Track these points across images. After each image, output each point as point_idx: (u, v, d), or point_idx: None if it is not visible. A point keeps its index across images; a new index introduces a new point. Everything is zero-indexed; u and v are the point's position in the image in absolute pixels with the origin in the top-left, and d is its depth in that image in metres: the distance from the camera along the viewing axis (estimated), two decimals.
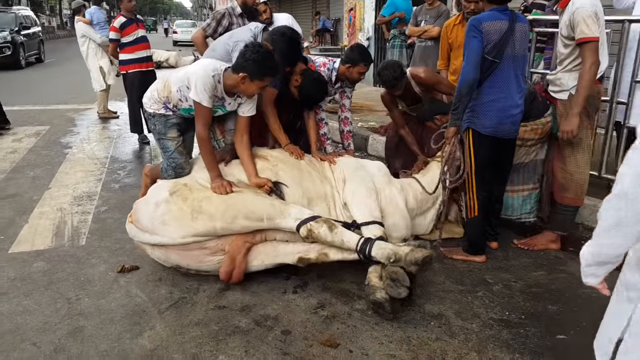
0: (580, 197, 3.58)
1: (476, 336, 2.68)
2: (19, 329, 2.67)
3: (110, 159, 5.92)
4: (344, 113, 4.33)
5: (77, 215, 4.22)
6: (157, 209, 3.03)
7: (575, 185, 3.53)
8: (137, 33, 6.52)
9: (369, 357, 2.50)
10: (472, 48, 3.15)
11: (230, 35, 3.66)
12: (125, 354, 2.49)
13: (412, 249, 2.79)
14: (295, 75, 3.72)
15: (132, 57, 6.49)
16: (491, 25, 3.14)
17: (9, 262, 3.40)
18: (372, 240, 2.94)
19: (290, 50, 3.53)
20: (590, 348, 1.60)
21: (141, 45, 6.55)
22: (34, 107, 9.07)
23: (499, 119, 3.25)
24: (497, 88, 3.22)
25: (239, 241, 3.03)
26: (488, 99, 3.24)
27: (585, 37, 3.15)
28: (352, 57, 3.94)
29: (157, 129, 3.41)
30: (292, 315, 2.84)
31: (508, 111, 3.25)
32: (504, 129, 3.29)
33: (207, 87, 3.08)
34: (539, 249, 3.67)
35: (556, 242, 3.69)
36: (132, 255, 3.48)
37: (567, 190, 3.56)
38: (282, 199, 3.21)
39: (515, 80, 3.25)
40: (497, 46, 3.14)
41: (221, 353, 2.51)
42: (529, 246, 3.69)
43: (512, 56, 3.20)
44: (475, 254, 3.51)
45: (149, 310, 2.86)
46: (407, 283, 2.69)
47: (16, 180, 5.09)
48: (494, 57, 3.15)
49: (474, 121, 3.31)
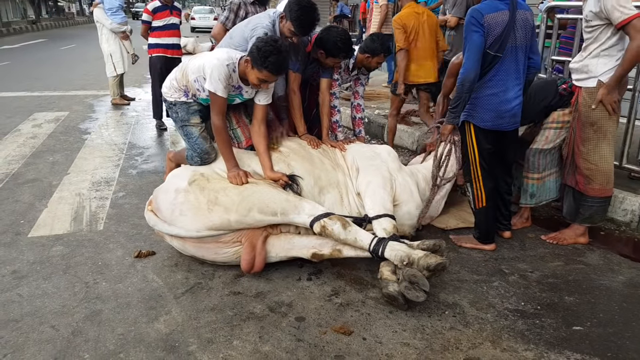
0: (607, 187, 3.46)
1: (491, 326, 2.67)
2: (38, 312, 2.72)
3: (128, 145, 5.97)
4: (357, 100, 4.29)
5: (95, 200, 4.27)
6: (176, 198, 3.06)
7: (600, 176, 3.41)
8: (169, 20, 6.53)
9: (382, 345, 2.50)
10: (474, 42, 3.05)
11: (248, 22, 3.62)
12: (141, 338, 2.52)
13: (426, 255, 2.73)
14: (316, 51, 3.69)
15: (158, 41, 6.53)
16: (494, 17, 3.03)
17: (28, 246, 3.46)
18: (385, 241, 2.90)
19: (305, 17, 3.39)
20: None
21: (169, 32, 6.56)
22: (53, 92, 9.17)
23: (498, 113, 3.19)
24: (496, 82, 3.15)
25: (256, 230, 3.04)
26: (487, 93, 3.17)
27: (626, 18, 3.00)
28: (372, 48, 3.91)
29: (179, 117, 3.41)
30: (306, 302, 2.85)
31: (507, 105, 3.18)
32: (503, 122, 3.23)
33: (222, 77, 3.07)
34: (568, 243, 3.57)
35: (584, 236, 3.59)
36: (149, 241, 3.52)
37: (592, 182, 3.44)
38: (298, 193, 3.20)
39: (515, 73, 3.17)
40: (500, 39, 3.05)
41: (235, 338, 2.53)
42: (557, 240, 3.60)
43: (513, 47, 3.11)
44: (485, 243, 3.48)
45: (165, 295, 2.89)
46: (426, 287, 2.64)
47: (36, 165, 5.16)
48: (497, 51, 3.07)
49: (473, 115, 3.25)
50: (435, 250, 2.85)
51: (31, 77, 10.94)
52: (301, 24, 3.38)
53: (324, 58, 3.71)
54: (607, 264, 3.33)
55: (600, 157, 3.39)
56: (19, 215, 3.95)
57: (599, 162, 3.39)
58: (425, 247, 2.87)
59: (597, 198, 3.48)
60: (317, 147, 3.63)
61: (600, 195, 3.47)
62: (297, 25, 3.38)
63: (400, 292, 2.69)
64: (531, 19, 3.23)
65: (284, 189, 3.16)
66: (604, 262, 3.36)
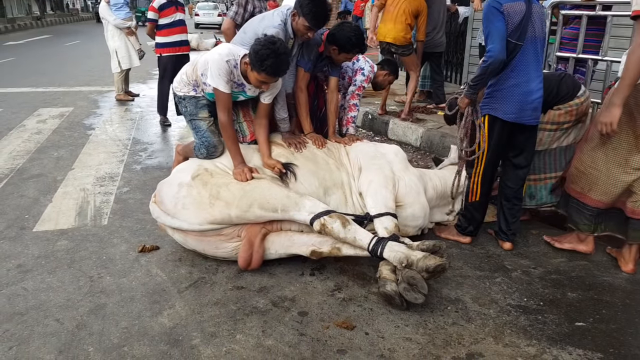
0: (587, 195, 3.23)
1: (493, 322, 2.67)
2: (43, 305, 2.74)
3: (132, 141, 5.99)
4: (353, 100, 4.31)
5: (99, 195, 4.29)
6: (179, 191, 3.07)
7: (585, 180, 3.23)
8: (175, 16, 6.42)
9: (384, 339, 2.51)
10: (497, 28, 3.02)
11: (262, 19, 3.58)
12: (145, 331, 2.54)
13: (425, 256, 2.70)
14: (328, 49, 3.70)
15: (167, 40, 6.43)
16: (512, 6, 3.03)
17: (33, 240, 3.48)
18: (384, 241, 2.87)
19: (317, 9, 3.36)
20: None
21: (177, 29, 6.48)
22: (58, 88, 9.19)
23: (521, 105, 3.13)
24: (518, 72, 3.11)
25: (255, 227, 3.05)
26: (510, 83, 3.13)
27: (638, 9, 2.73)
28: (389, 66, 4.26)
29: (188, 111, 3.44)
30: (309, 297, 2.86)
31: (529, 96, 3.13)
32: (526, 114, 3.16)
33: (222, 72, 3.07)
34: (564, 248, 3.42)
35: (586, 244, 3.38)
36: (153, 236, 3.54)
37: (574, 182, 3.31)
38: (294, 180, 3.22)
39: (535, 64, 3.14)
40: (520, 28, 3.03)
41: (239, 332, 2.54)
42: (554, 241, 3.48)
43: (533, 38, 3.10)
44: (462, 235, 3.48)
45: (168, 290, 2.91)
46: (424, 290, 2.62)
47: (40, 160, 5.18)
48: (518, 39, 3.05)
49: (494, 107, 3.19)
50: (435, 251, 2.83)
51: (36, 73, 10.97)
52: (315, 17, 3.36)
53: (336, 54, 3.69)
54: (611, 260, 3.32)
55: (592, 161, 3.19)
56: (24, 210, 3.97)
57: (588, 166, 3.21)
58: (425, 248, 2.84)
59: (576, 200, 3.32)
60: (322, 146, 3.62)
61: (577, 198, 3.30)
62: (312, 19, 3.35)
63: (398, 292, 2.69)
64: (545, 13, 3.21)
65: (280, 178, 3.18)
66: (608, 258, 3.35)
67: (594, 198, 3.22)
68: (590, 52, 4.35)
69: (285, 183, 3.21)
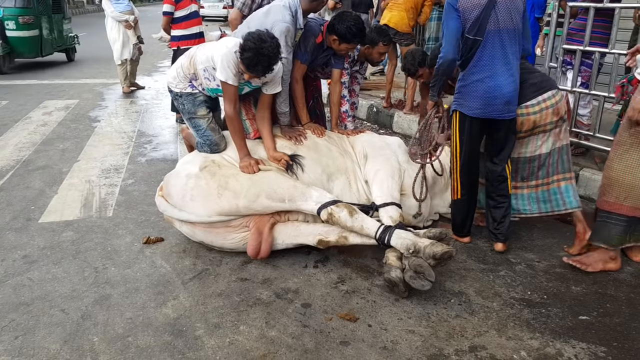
0: (624, 204, 2.96)
1: (496, 314, 2.67)
2: (48, 296, 2.76)
3: (137, 133, 6.00)
4: (353, 98, 4.29)
5: (104, 187, 4.30)
6: (187, 183, 3.08)
7: (618, 188, 2.96)
8: (191, 8, 6.27)
9: (387, 332, 2.51)
10: (449, 28, 3.02)
11: (267, 12, 3.52)
12: (149, 322, 2.55)
13: (432, 243, 2.71)
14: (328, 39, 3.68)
15: (184, 33, 6.26)
16: (468, 1, 2.97)
17: (39, 231, 3.50)
18: (391, 229, 2.89)
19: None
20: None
21: (194, 21, 6.35)
22: (63, 81, 9.21)
23: (486, 100, 3.05)
24: (481, 67, 3.03)
25: (264, 216, 3.06)
26: (473, 79, 3.07)
27: None
28: (370, 38, 3.90)
29: (186, 109, 3.42)
30: (313, 289, 2.86)
31: (497, 91, 3.03)
32: (495, 109, 3.06)
33: (232, 65, 3.07)
34: (595, 270, 3.07)
35: (615, 261, 3.10)
36: (157, 227, 3.55)
37: (606, 193, 3.02)
38: (301, 171, 3.23)
39: (502, 57, 3.02)
40: (477, 23, 2.95)
41: (242, 323, 2.55)
42: (582, 265, 3.08)
43: (496, 31, 2.98)
44: (459, 235, 3.43)
45: (173, 281, 2.92)
46: (432, 278, 2.63)
47: (46, 152, 5.20)
48: (476, 34, 2.98)
49: (461, 103, 3.16)
50: (442, 239, 2.85)
51: (42, 65, 10.98)
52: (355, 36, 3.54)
53: (337, 45, 3.63)
54: None
55: (625, 166, 2.94)
56: (29, 202, 3.99)
57: (622, 172, 2.95)
58: (432, 235, 2.88)
59: (609, 213, 3.03)
60: (321, 135, 3.62)
61: (612, 211, 3.02)
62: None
63: (403, 279, 2.70)
64: (520, 2, 3.06)
65: (286, 170, 3.19)
66: None
67: (631, 206, 2.97)
68: (597, 44, 4.31)
69: (292, 174, 3.21)
